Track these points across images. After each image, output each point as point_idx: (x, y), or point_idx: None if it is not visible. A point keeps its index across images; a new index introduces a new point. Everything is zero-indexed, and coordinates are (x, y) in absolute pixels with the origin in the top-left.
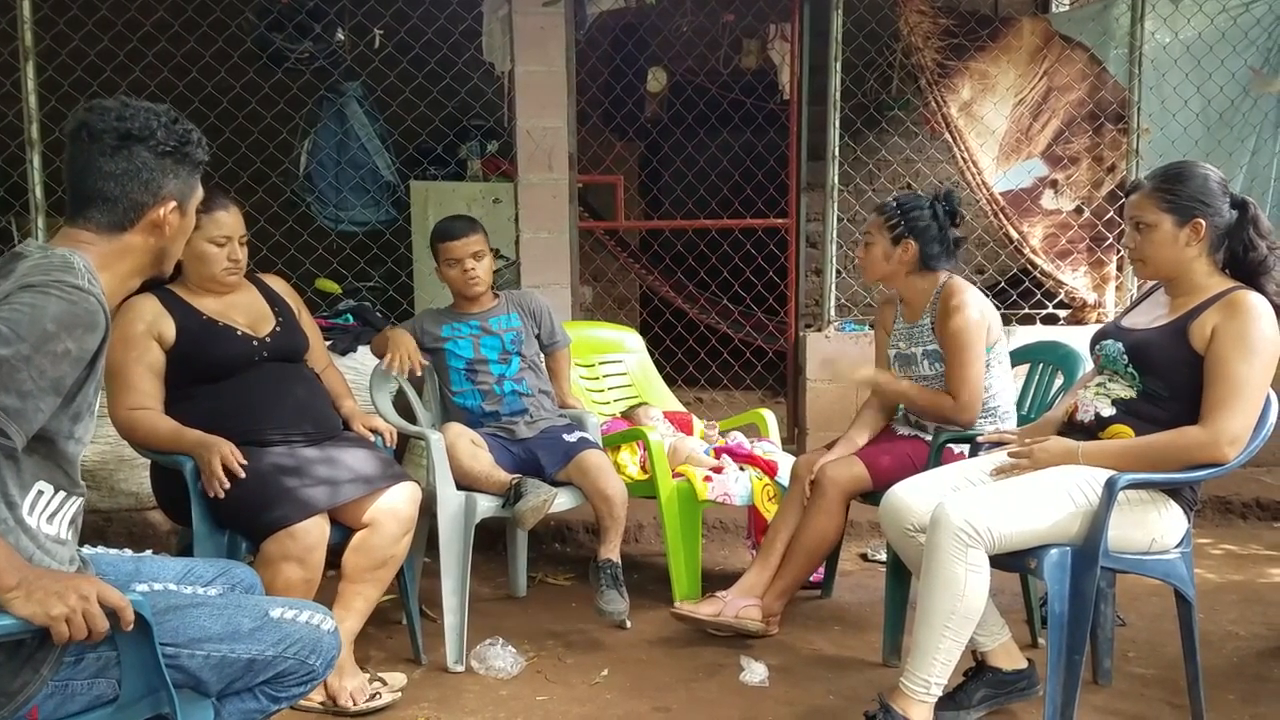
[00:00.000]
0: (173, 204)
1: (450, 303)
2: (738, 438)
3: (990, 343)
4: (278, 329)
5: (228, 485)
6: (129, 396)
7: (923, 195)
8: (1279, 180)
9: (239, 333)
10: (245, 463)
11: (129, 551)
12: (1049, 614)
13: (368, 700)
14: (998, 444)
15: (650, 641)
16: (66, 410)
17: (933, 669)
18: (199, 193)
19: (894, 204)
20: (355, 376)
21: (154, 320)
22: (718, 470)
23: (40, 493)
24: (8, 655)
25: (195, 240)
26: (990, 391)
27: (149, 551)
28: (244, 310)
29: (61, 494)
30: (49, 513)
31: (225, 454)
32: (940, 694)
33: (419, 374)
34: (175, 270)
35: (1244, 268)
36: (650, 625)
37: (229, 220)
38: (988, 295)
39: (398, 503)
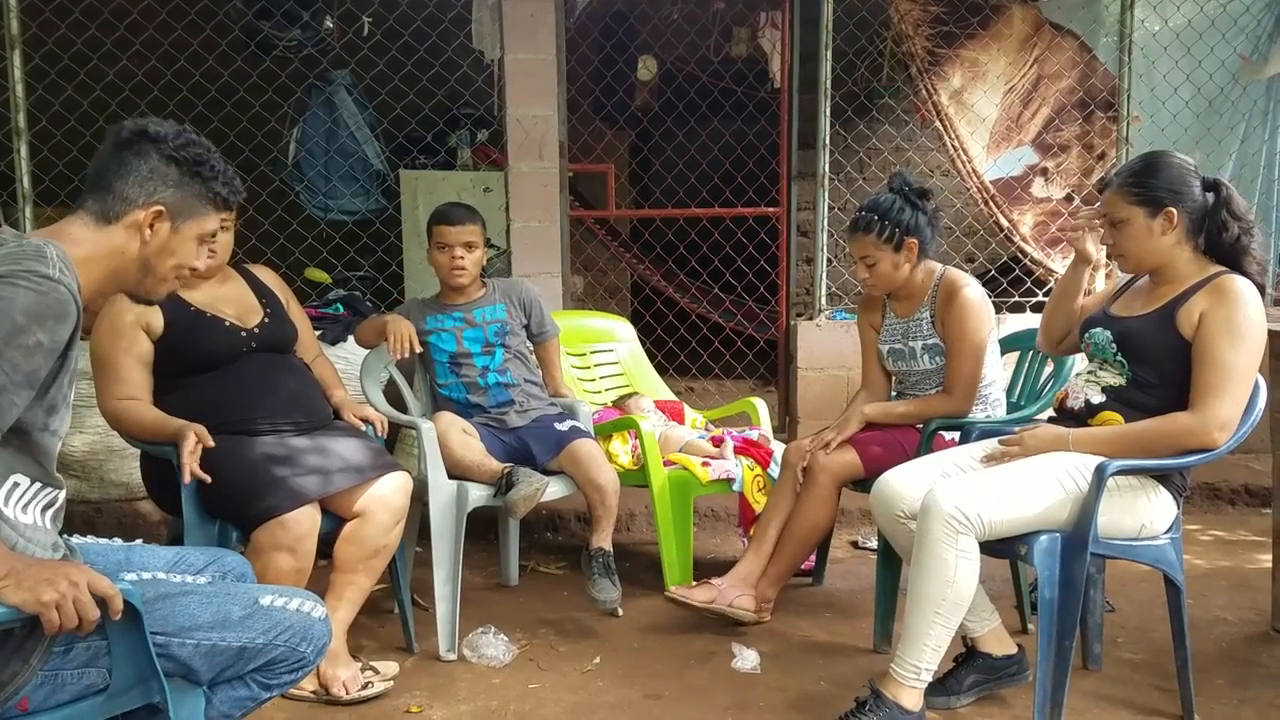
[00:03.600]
0: (159, 210)
1: (437, 291)
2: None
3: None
4: (266, 320)
5: (196, 474)
6: (116, 387)
7: (886, 194)
8: (1268, 167)
9: (227, 324)
10: (213, 445)
11: (119, 541)
12: (1039, 600)
13: (360, 689)
14: (990, 431)
15: (642, 629)
16: (41, 403)
17: (923, 655)
18: (206, 224)
19: (874, 216)
20: (345, 366)
21: (142, 311)
22: (715, 456)
23: (15, 484)
24: None
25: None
26: (985, 381)
27: (139, 541)
28: (232, 301)
29: (37, 485)
30: (24, 502)
31: (199, 433)
32: (930, 680)
33: (418, 351)
34: None
35: (1221, 250)
36: (642, 613)
37: None
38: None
39: (389, 492)
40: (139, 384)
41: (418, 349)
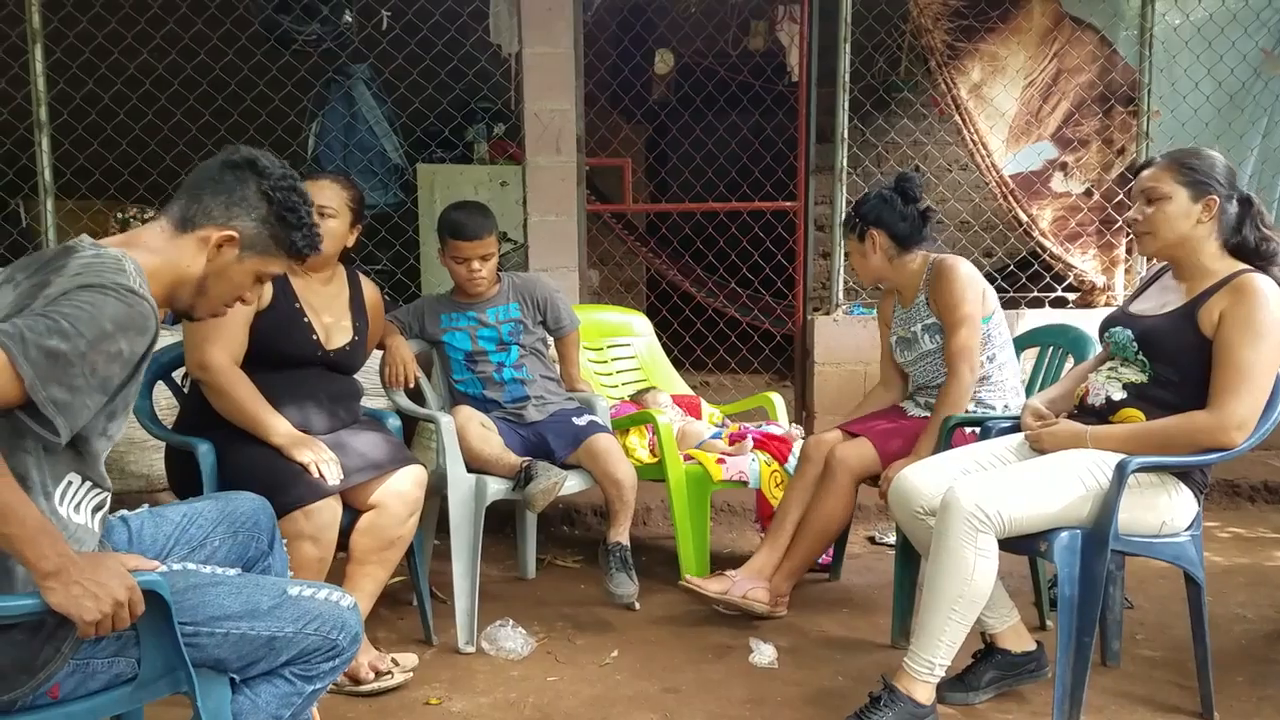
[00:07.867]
0: (232, 235)
1: (451, 288)
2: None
3: (986, 313)
4: (347, 347)
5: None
6: (228, 342)
7: (873, 191)
8: None
9: (314, 338)
10: (341, 480)
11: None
12: (1059, 596)
13: (380, 680)
14: (1010, 427)
15: (659, 623)
16: (105, 409)
17: (937, 650)
18: (271, 265)
19: (850, 212)
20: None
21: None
22: (730, 454)
23: (69, 483)
24: (29, 633)
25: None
26: (995, 363)
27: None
28: (332, 309)
29: (88, 484)
30: (76, 501)
31: (322, 459)
32: (944, 675)
33: (412, 386)
34: None
35: (1253, 258)
36: (659, 607)
37: None
38: (996, 277)
39: (403, 485)
40: (240, 349)
41: (410, 384)
